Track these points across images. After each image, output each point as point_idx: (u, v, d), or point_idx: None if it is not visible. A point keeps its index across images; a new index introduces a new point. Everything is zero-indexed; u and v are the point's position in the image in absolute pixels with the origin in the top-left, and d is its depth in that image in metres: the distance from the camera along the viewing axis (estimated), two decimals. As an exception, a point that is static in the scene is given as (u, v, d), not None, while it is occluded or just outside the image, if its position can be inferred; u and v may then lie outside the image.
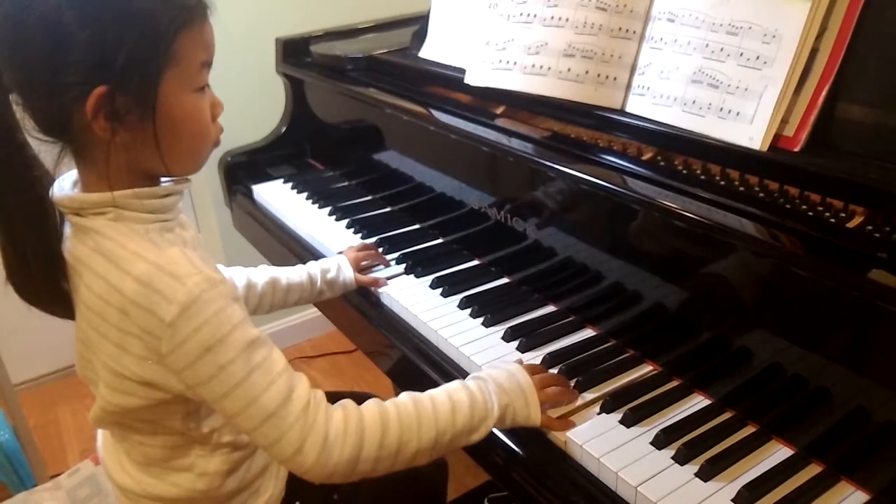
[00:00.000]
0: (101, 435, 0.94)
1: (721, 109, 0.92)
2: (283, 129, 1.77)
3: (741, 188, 0.89)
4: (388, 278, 1.23)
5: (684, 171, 0.94)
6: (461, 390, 0.84)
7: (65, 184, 0.78)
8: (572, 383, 0.94)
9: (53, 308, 0.83)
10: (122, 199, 0.75)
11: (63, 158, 0.76)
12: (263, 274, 1.15)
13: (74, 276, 0.78)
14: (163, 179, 0.81)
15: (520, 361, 0.94)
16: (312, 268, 1.20)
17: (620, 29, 1.04)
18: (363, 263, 1.24)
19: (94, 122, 0.70)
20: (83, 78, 0.68)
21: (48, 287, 0.80)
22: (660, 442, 0.84)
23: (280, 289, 1.15)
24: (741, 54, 0.91)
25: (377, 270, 1.27)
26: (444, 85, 1.32)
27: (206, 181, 2.02)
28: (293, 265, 1.21)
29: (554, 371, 0.96)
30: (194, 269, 0.73)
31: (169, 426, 0.82)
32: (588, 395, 0.92)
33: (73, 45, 0.68)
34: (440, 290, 1.17)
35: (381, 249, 1.30)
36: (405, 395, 0.84)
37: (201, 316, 0.72)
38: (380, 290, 1.21)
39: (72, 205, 0.76)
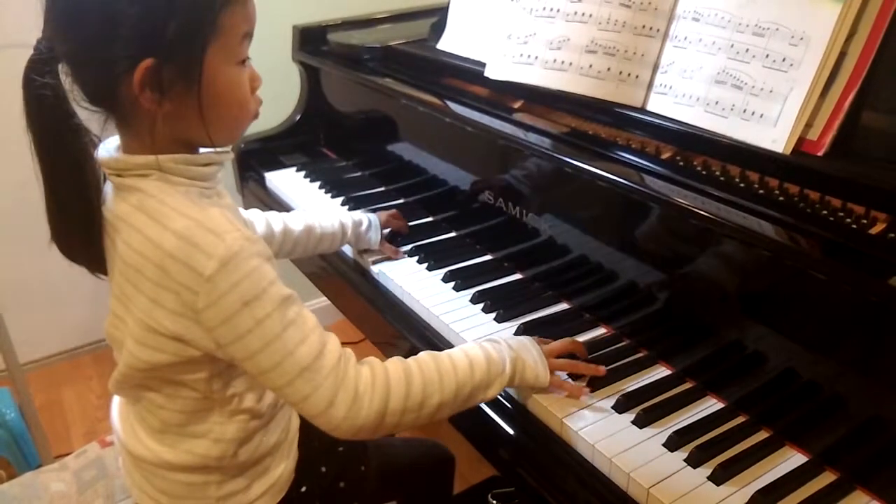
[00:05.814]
0: (117, 405, 0.94)
1: (744, 111, 0.91)
2: (297, 118, 1.76)
3: (761, 190, 0.88)
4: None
5: (703, 172, 0.93)
6: (476, 347, 0.89)
7: (109, 146, 0.80)
8: (585, 381, 0.93)
9: (89, 263, 0.85)
10: (165, 163, 0.77)
11: (108, 126, 0.78)
12: (299, 221, 1.19)
13: (113, 233, 0.80)
14: (202, 150, 0.83)
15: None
16: (345, 217, 1.24)
17: (644, 26, 1.04)
18: (385, 231, 1.28)
19: (140, 94, 0.72)
20: (132, 51, 0.70)
21: (86, 242, 0.82)
22: (672, 444, 0.83)
23: (314, 237, 1.20)
24: (767, 56, 0.90)
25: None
26: (461, 77, 1.31)
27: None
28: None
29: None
30: (233, 227, 0.75)
31: (193, 386, 0.83)
32: (600, 395, 0.92)
33: (123, 19, 0.69)
34: (453, 283, 1.17)
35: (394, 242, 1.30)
36: (424, 353, 0.86)
37: (240, 271, 0.73)
38: (392, 281, 1.21)
39: (116, 166, 0.78)
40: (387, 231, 1.30)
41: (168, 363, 0.79)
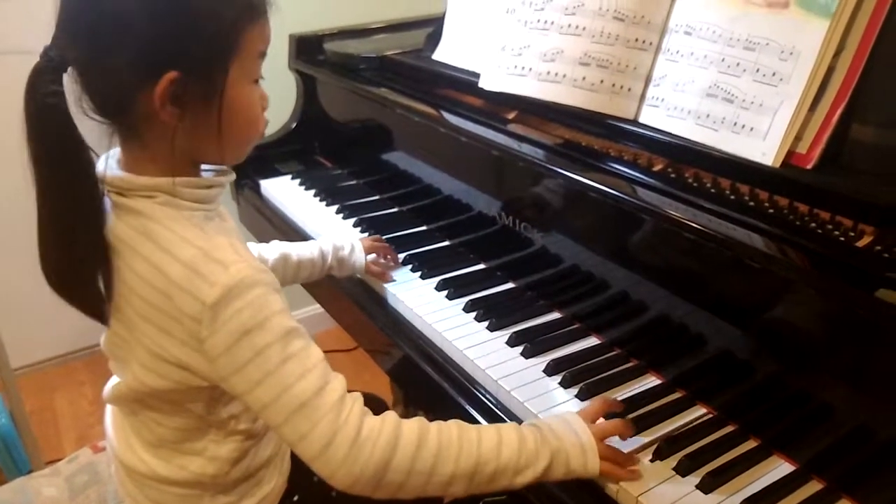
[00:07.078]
0: (111, 414, 0.94)
1: (735, 124, 0.92)
2: (293, 126, 1.77)
3: (751, 202, 0.89)
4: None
5: (694, 184, 0.94)
6: (511, 428, 0.81)
7: (111, 162, 0.79)
8: (575, 390, 0.94)
9: (83, 297, 0.80)
10: (171, 186, 0.76)
11: (112, 139, 0.77)
12: (274, 250, 1.16)
13: (114, 256, 0.78)
14: (203, 168, 0.83)
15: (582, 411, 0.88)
16: (325, 244, 1.21)
17: (637, 40, 1.05)
18: (372, 256, 1.24)
19: (161, 107, 0.72)
20: (154, 63, 0.70)
21: (85, 271, 0.78)
22: (661, 453, 0.84)
23: (291, 264, 1.17)
24: (757, 70, 0.91)
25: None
26: (456, 88, 1.32)
27: (213, 174, 2.02)
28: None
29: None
30: (239, 258, 0.74)
31: (190, 409, 0.83)
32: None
33: (147, 31, 0.69)
34: (446, 292, 1.18)
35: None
36: (451, 421, 0.81)
37: (242, 299, 0.72)
38: (385, 289, 1.21)
39: (122, 185, 0.76)
40: (371, 257, 1.24)
41: (170, 389, 0.79)
